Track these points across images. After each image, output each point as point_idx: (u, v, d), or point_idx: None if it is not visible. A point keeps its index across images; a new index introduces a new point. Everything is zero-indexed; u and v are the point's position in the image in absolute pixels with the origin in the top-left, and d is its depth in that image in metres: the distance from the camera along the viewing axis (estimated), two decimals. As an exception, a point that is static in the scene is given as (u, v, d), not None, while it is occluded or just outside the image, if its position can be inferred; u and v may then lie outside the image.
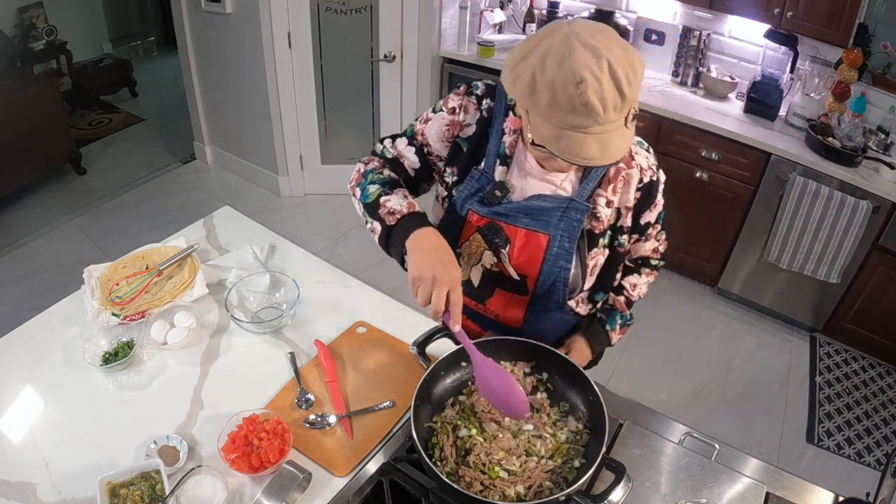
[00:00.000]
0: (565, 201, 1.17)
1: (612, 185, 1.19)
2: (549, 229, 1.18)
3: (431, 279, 1.03)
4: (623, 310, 1.39)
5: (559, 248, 1.19)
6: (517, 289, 1.26)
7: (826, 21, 2.53)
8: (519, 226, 1.19)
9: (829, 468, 2.36)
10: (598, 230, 1.22)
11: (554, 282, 1.22)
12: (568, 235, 1.18)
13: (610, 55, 0.91)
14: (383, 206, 1.16)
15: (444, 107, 1.23)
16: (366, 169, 1.26)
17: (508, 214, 1.19)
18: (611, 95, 0.90)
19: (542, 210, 1.18)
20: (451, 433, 1.08)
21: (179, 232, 1.68)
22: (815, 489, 1.11)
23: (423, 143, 1.26)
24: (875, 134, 2.64)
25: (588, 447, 1.07)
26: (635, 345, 2.86)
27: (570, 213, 1.17)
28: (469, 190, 1.21)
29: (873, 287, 2.66)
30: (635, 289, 1.40)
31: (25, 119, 3.49)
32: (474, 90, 1.22)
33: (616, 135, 0.95)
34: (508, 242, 1.21)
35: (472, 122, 1.21)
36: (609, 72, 0.90)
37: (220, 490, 1.05)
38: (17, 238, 3.35)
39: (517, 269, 1.23)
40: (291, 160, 3.60)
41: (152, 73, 5.45)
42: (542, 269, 1.21)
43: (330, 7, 3.14)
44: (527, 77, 0.94)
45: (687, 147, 2.85)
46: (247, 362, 1.33)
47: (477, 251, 1.24)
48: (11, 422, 1.18)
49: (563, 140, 0.94)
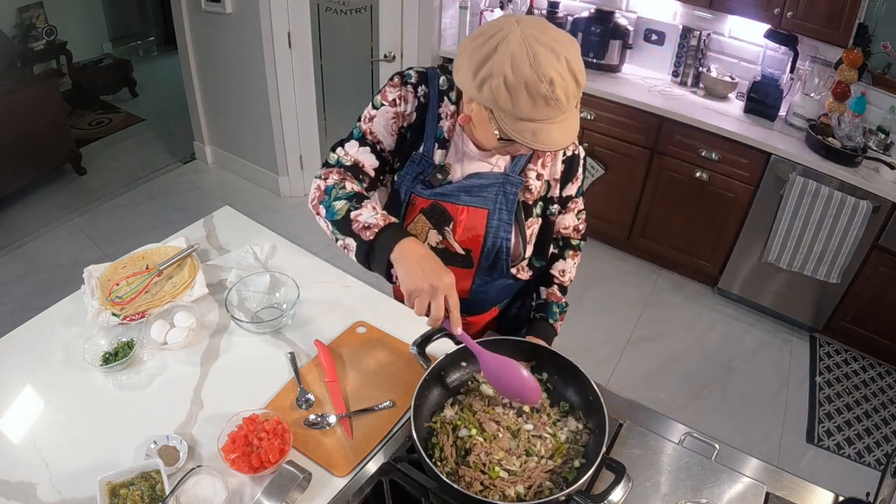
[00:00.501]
0: (500, 177, 1.26)
1: (541, 159, 1.29)
2: (488, 204, 1.27)
3: (429, 288, 1.04)
4: (559, 299, 1.46)
5: (499, 221, 1.28)
6: (463, 263, 1.34)
7: (826, 21, 2.53)
8: (460, 204, 1.27)
9: (829, 468, 2.36)
10: (531, 201, 1.31)
11: (497, 252, 1.31)
12: (506, 208, 1.28)
13: (566, 52, 1.00)
14: (355, 220, 1.15)
15: (385, 100, 1.27)
16: (326, 185, 1.24)
17: (449, 194, 1.27)
18: (572, 88, 1.01)
19: (480, 187, 1.26)
20: (451, 433, 1.08)
21: (179, 232, 1.68)
22: (815, 489, 1.10)
23: (374, 141, 1.29)
24: (875, 134, 2.64)
25: (588, 447, 1.07)
26: (635, 345, 2.86)
27: (505, 188, 1.27)
28: (411, 174, 1.28)
29: (873, 287, 2.66)
30: (564, 274, 1.47)
31: (25, 119, 3.49)
32: (408, 79, 1.26)
33: (571, 117, 1.05)
34: (452, 220, 1.29)
35: (412, 110, 1.27)
36: (568, 66, 1.00)
37: (220, 490, 1.05)
38: (17, 238, 3.35)
39: (462, 244, 1.31)
40: (291, 160, 3.60)
41: (152, 73, 5.45)
42: (486, 241, 1.30)
43: (330, 7, 3.14)
44: (497, 81, 1.00)
45: (687, 147, 2.85)
46: (247, 362, 1.33)
47: (422, 231, 1.31)
48: (11, 422, 1.18)
49: (534, 133, 1.02)
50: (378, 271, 1.15)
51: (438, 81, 1.26)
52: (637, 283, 3.22)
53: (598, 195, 3.20)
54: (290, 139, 3.51)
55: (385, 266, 1.11)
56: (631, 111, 2.91)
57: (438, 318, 1.06)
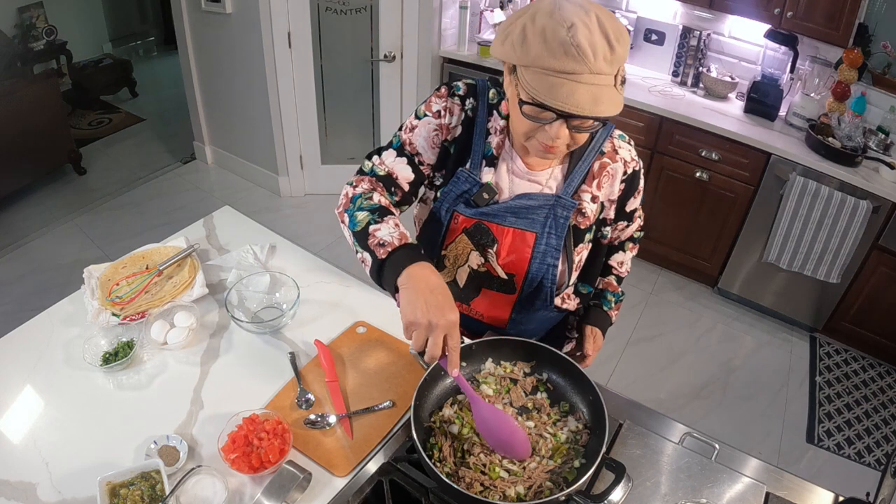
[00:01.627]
0: (551, 199, 1.18)
1: (596, 180, 1.21)
2: (536, 227, 1.19)
3: (427, 324, 0.95)
4: (615, 289, 1.42)
5: (546, 246, 1.20)
6: (505, 288, 1.27)
7: (826, 21, 2.53)
8: (506, 225, 1.20)
9: (829, 468, 2.36)
10: (584, 226, 1.23)
11: (542, 279, 1.24)
12: (555, 233, 1.19)
13: (597, 11, 0.95)
14: (373, 235, 1.08)
15: (429, 111, 1.20)
16: (354, 193, 1.18)
17: (495, 214, 1.19)
18: (600, 43, 0.93)
19: (528, 209, 1.18)
20: (450, 433, 1.08)
21: (179, 232, 1.68)
22: (815, 489, 1.10)
23: (412, 153, 1.22)
24: (875, 134, 2.64)
25: (588, 447, 1.07)
26: (635, 345, 2.86)
27: (556, 211, 1.18)
28: (455, 191, 1.20)
29: (873, 287, 2.66)
30: (622, 266, 1.44)
31: (25, 119, 3.49)
32: (456, 91, 1.20)
33: (607, 90, 0.95)
34: (496, 242, 1.21)
35: (458, 123, 1.20)
36: (598, 23, 0.94)
37: (220, 490, 1.05)
38: (17, 238, 3.35)
39: (505, 268, 1.24)
40: (291, 160, 3.60)
41: (152, 73, 5.45)
42: (530, 266, 1.22)
43: (330, 7, 3.14)
44: (517, 31, 0.97)
45: (687, 147, 2.85)
46: (247, 362, 1.33)
47: (463, 252, 1.24)
48: (11, 422, 1.18)
49: (554, 88, 0.94)
50: (386, 289, 1.07)
51: (488, 94, 1.19)
52: (637, 283, 3.22)
53: (598, 195, 3.20)
54: (290, 139, 3.51)
55: (393, 288, 1.04)
56: (631, 111, 2.90)
57: (434, 357, 0.97)
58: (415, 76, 3.35)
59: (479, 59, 3.25)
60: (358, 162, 3.63)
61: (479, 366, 1.20)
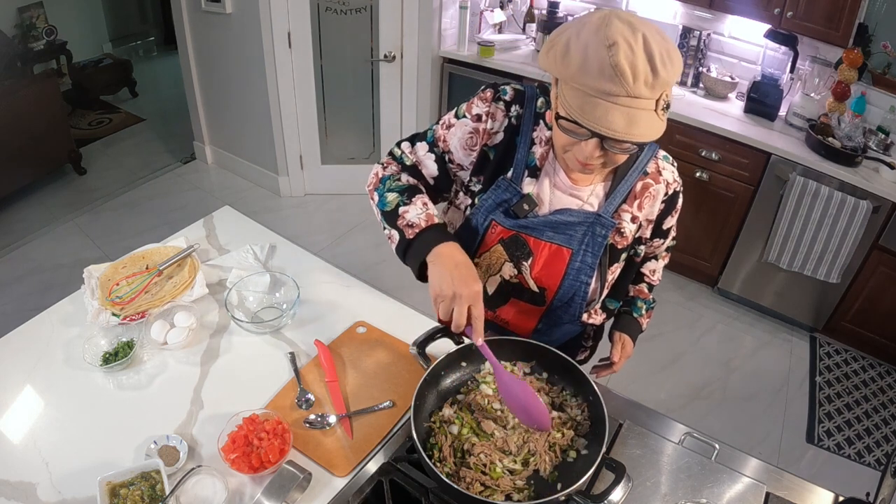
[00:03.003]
0: (591, 216, 1.15)
1: (637, 200, 1.18)
2: (573, 244, 1.17)
3: (452, 295, 1.03)
4: (646, 296, 1.42)
5: (581, 263, 1.18)
6: (535, 300, 1.25)
7: (826, 21, 2.53)
8: (544, 239, 1.17)
9: (829, 468, 2.36)
10: (621, 245, 1.21)
11: (573, 295, 1.22)
12: (591, 251, 1.17)
13: (646, 31, 0.91)
14: (402, 216, 1.14)
15: (468, 112, 1.18)
16: (384, 174, 1.23)
17: (534, 228, 1.17)
18: (642, 65, 0.89)
19: (567, 224, 1.16)
20: (449, 433, 1.08)
21: (179, 232, 1.68)
22: (815, 489, 1.10)
23: (444, 150, 1.22)
24: (875, 134, 2.64)
25: (588, 447, 1.07)
26: (635, 345, 2.85)
27: (595, 229, 1.16)
28: (495, 200, 1.18)
29: (873, 287, 2.66)
30: (654, 274, 1.42)
31: (25, 119, 3.49)
32: (502, 95, 1.16)
33: (645, 114, 0.92)
34: (531, 256, 1.19)
35: (500, 129, 1.17)
36: (643, 44, 0.90)
37: (220, 490, 1.05)
38: (17, 238, 3.35)
39: (538, 281, 1.22)
40: (291, 160, 3.60)
41: (152, 73, 5.45)
42: (563, 283, 1.20)
43: (330, 7, 3.14)
44: (561, 43, 0.94)
45: (687, 147, 2.85)
46: (247, 362, 1.33)
47: (497, 262, 1.22)
48: (11, 422, 1.18)
49: (588, 107, 0.92)
50: (412, 268, 1.14)
51: (536, 103, 1.16)
52: (637, 283, 3.22)
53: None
54: (290, 139, 3.51)
55: (418, 266, 1.11)
56: (631, 111, 2.90)
57: (460, 326, 1.04)
58: (415, 76, 3.35)
59: (479, 59, 3.24)
60: (358, 162, 3.63)
61: (479, 366, 1.20)
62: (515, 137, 1.16)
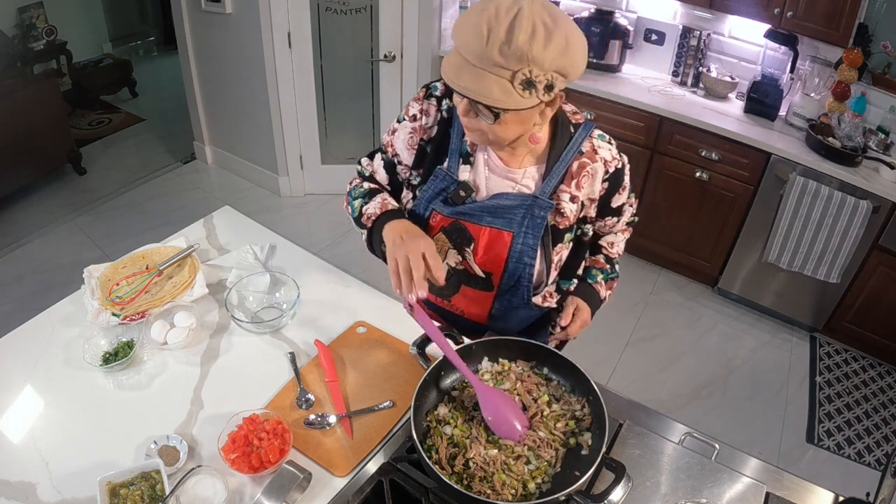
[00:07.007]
0: (528, 199, 1.19)
1: (575, 180, 1.21)
2: (513, 227, 1.20)
3: (405, 254, 1.07)
4: (602, 266, 1.39)
5: (523, 246, 1.21)
6: (482, 286, 1.29)
7: (826, 21, 2.53)
8: (483, 224, 1.21)
9: (829, 468, 2.36)
10: (563, 226, 1.23)
11: (519, 278, 1.25)
12: (532, 232, 1.20)
13: (528, 7, 0.93)
14: (364, 214, 1.24)
15: (406, 115, 1.26)
16: (350, 188, 1.33)
17: (472, 214, 1.21)
18: (500, 32, 0.92)
19: (505, 208, 1.19)
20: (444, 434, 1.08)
21: (179, 232, 1.68)
22: (815, 489, 1.10)
23: (392, 155, 1.29)
24: (875, 134, 2.64)
25: (588, 447, 1.07)
26: (635, 345, 2.86)
27: (533, 211, 1.19)
28: (433, 190, 1.22)
29: (873, 287, 2.66)
30: (613, 247, 1.42)
31: (25, 119, 3.49)
32: (433, 91, 1.23)
33: (496, 82, 0.95)
34: (473, 241, 1.23)
35: (434, 123, 1.23)
36: (515, 15, 0.92)
37: (220, 490, 1.05)
38: (17, 238, 3.35)
39: (482, 266, 1.25)
40: (291, 160, 3.60)
41: (152, 73, 5.45)
42: (507, 266, 1.23)
43: (330, 7, 3.14)
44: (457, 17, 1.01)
45: (687, 147, 2.85)
46: (247, 362, 1.33)
47: (441, 250, 1.26)
48: (11, 422, 1.18)
49: (454, 66, 0.98)
50: (379, 256, 1.21)
51: None
52: (637, 283, 3.22)
53: (598, 195, 3.20)
54: (290, 139, 3.51)
55: (381, 248, 1.18)
56: (631, 111, 2.91)
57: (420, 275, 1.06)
58: (415, 76, 3.35)
59: (479, 59, 3.24)
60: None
61: (477, 365, 1.20)
62: (449, 129, 1.22)
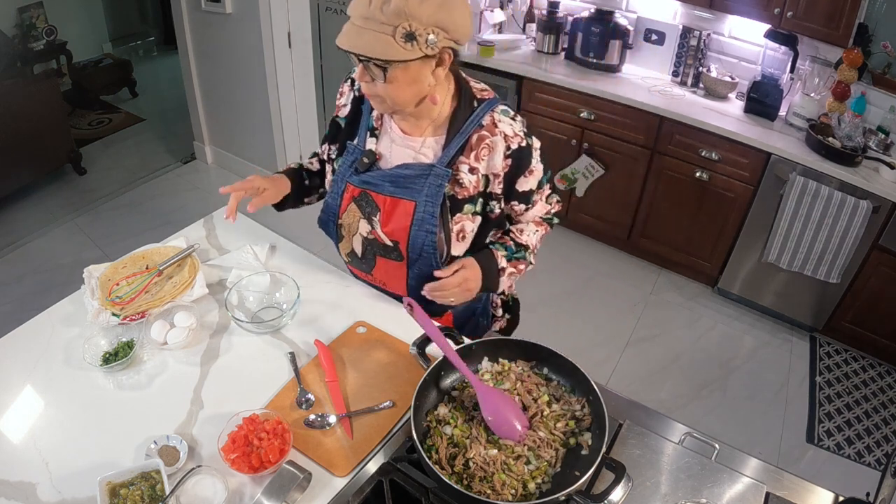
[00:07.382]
0: (427, 168, 1.26)
1: (474, 151, 1.25)
2: (415, 196, 1.26)
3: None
4: (506, 242, 1.39)
5: (424, 213, 1.26)
6: (393, 255, 1.34)
7: (826, 21, 2.53)
8: (385, 194, 1.29)
9: (829, 468, 2.36)
10: (462, 196, 1.27)
11: (423, 246, 1.29)
12: (432, 201, 1.26)
13: None
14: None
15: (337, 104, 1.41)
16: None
17: (376, 184, 1.29)
18: None
19: (406, 178, 1.27)
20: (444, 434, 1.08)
21: (179, 232, 1.68)
22: (815, 489, 1.10)
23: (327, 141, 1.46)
24: (875, 134, 2.64)
25: (588, 447, 1.07)
26: (635, 345, 2.86)
27: (431, 179, 1.25)
28: (346, 162, 1.34)
29: (873, 287, 2.66)
30: (522, 233, 1.41)
31: (25, 119, 3.49)
32: (351, 74, 1.36)
33: (379, 37, 1.06)
34: (378, 210, 1.30)
35: (348, 102, 1.36)
36: None
37: (220, 490, 1.05)
38: (17, 238, 3.35)
39: (389, 235, 1.31)
40: (291, 160, 3.60)
41: (152, 73, 5.45)
42: (411, 234, 1.28)
43: (330, 7, 3.14)
44: None
45: (687, 147, 2.85)
46: (247, 362, 1.33)
47: (354, 220, 1.34)
48: (11, 422, 1.18)
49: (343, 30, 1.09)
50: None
51: None
52: (637, 283, 3.22)
53: (598, 195, 3.20)
54: (290, 139, 3.51)
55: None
56: (631, 111, 2.91)
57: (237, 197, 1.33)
58: (415, 76, 3.34)
59: (479, 58, 3.24)
60: (358, 162, 3.63)
61: (477, 365, 1.20)
62: (361, 106, 1.34)
